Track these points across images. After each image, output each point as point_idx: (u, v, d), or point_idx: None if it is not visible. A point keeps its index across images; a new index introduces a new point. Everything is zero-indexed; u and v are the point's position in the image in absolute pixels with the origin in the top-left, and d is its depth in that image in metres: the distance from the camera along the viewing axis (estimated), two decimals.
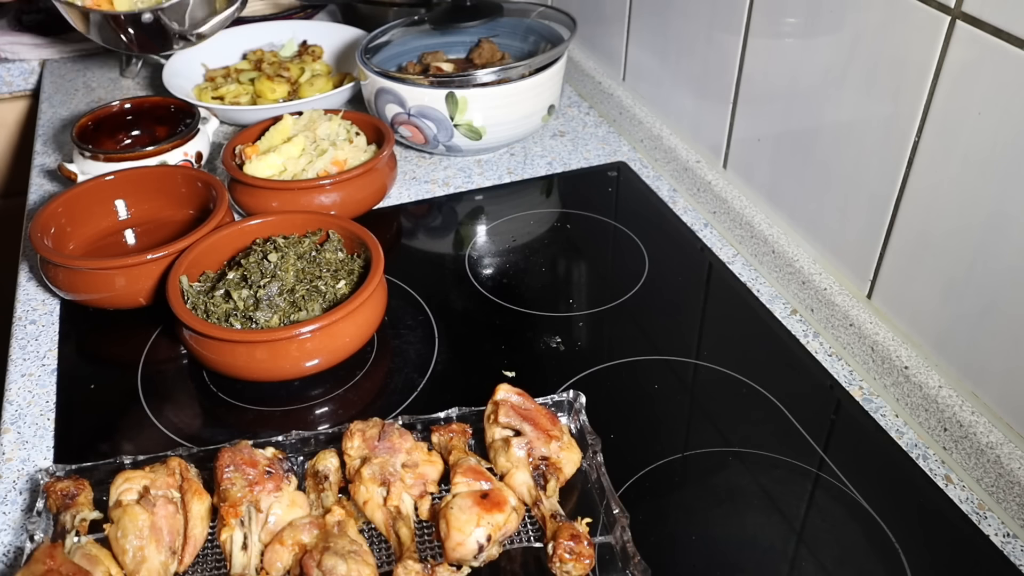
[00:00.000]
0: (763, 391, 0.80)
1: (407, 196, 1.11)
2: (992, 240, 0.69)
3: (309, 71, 1.31)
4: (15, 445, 0.76)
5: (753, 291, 0.94)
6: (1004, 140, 0.66)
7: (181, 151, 1.04)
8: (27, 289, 0.94)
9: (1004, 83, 0.65)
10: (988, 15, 0.65)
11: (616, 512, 0.64)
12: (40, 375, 0.83)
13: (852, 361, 0.84)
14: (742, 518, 0.69)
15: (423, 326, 0.89)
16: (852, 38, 0.79)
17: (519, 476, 0.66)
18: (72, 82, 1.38)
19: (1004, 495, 0.69)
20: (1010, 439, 0.70)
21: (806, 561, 0.66)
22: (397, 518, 0.64)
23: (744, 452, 0.75)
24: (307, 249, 0.86)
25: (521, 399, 0.71)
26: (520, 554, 0.65)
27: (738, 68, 0.97)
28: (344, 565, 0.58)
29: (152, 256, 0.84)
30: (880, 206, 0.80)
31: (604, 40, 1.29)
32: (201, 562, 0.64)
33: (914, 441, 0.76)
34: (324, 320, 0.76)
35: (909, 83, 0.73)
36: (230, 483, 0.64)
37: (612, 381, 0.82)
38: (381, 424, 0.69)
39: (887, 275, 0.81)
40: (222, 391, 0.81)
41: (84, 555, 0.61)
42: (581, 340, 0.86)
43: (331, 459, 0.69)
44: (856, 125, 0.81)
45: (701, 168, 1.06)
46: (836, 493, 0.71)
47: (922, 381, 0.76)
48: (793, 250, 0.92)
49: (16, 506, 0.71)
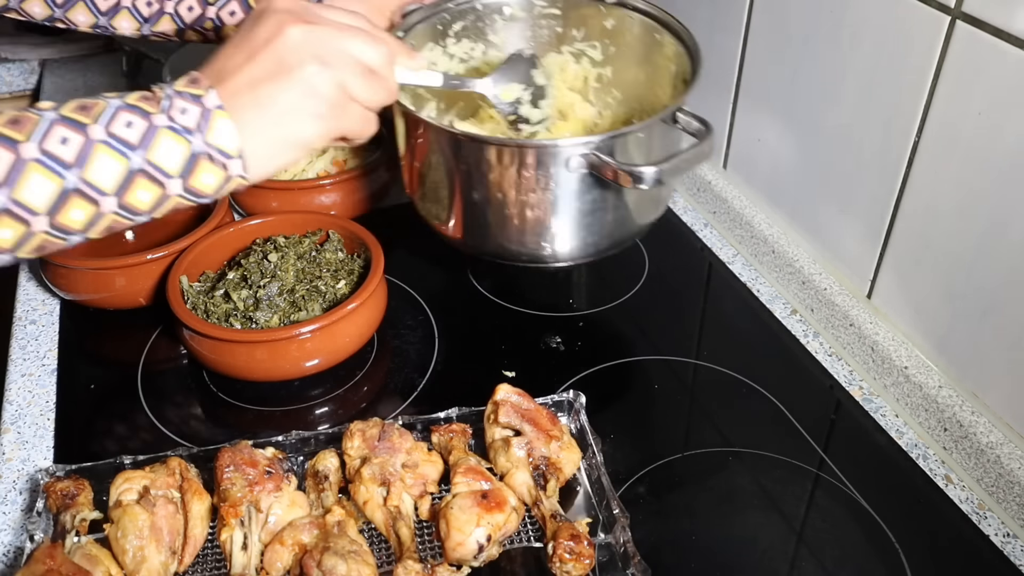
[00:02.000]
0: (763, 391, 0.80)
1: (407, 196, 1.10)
2: (992, 240, 0.69)
3: None
4: (15, 445, 0.76)
5: (753, 291, 0.94)
6: (1004, 140, 0.66)
7: None
8: (27, 289, 0.94)
9: (1004, 83, 0.65)
10: (988, 15, 0.65)
11: (616, 512, 0.64)
12: (40, 375, 0.83)
13: (852, 361, 0.84)
14: (742, 518, 0.69)
15: (423, 326, 0.89)
16: (852, 38, 0.79)
17: (519, 476, 0.66)
18: (72, 82, 1.38)
19: (1004, 495, 0.69)
20: (1010, 439, 0.70)
21: (806, 561, 0.66)
22: (397, 518, 0.64)
23: (744, 452, 0.75)
24: (307, 249, 0.86)
25: (521, 399, 0.71)
26: (520, 554, 0.65)
27: (738, 68, 0.97)
28: (344, 565, 0.58)
29: (152, 256, 0.84)
30: (880, 206, 0.80)
31: None
32: (201, 562, 0.64)
33: (914, 441, 0.76)
34: (324, 320, 0.76)
35: (909, 83, 0.73)
36: (230, 483, 0.64)
37: (612, 381, 0.82)
38: (381, 424, 0.69)
39: (887, 275, 0.81)
40: (222, 391, 0.81)
41: (84, 555, 0.61)
42: (581, 340, 0.86)
43: (331, 459, 0.69)
44: (856, 125, 0.81)
45: (701, 168, 1.06)
46: (836, 493, 0.71)
47: (922, 381, 0.76)
48: (793, 250, 0.92)
49: (16, 506, 0.71)
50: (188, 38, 0.84)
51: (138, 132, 0.51)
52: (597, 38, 0.90)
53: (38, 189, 0.49)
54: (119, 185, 0.51)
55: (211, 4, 0.82)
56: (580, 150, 0.67)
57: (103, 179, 0.50)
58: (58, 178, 0.49)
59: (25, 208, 0.49)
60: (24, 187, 0.48)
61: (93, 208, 0.51)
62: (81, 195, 0.50)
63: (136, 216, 0.53)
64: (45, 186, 0.49)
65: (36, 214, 0.49)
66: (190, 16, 0.82)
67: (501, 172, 0.71)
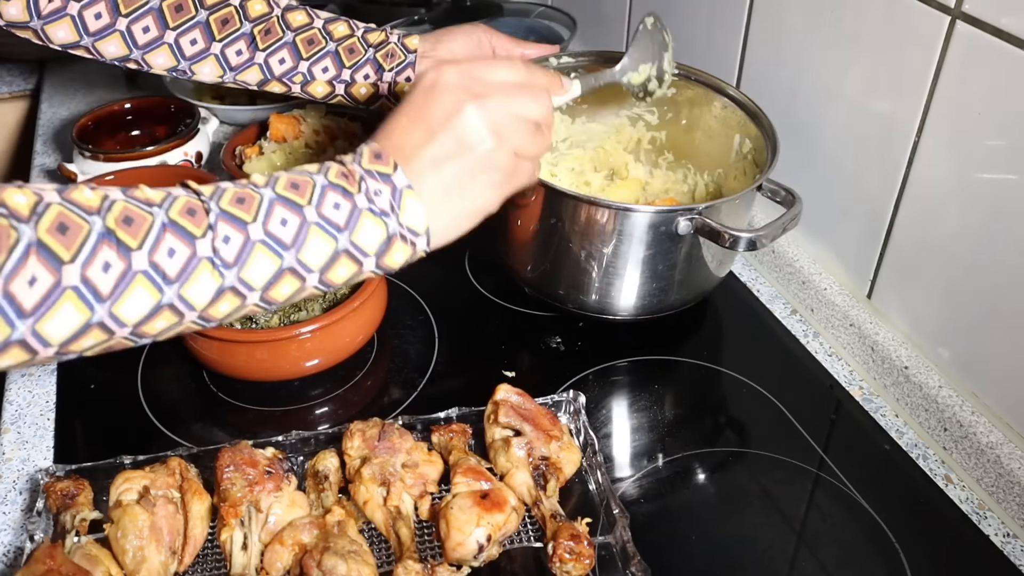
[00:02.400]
0: (763, 391, 0.80)
1: None
2: (992, 240, 0.69)
3: None
4: (15, 445, 0.76)
5: (753, 291, 0.94)
6: (1004, 140, 0.66)
7: (181, 151, 1.04)
8: None
9: (1004, 83, 0.65)
10: (988, 15, 0.65)
11: (616, 512, 0.64)
12: (40, 375, 0.83)
13: (852, 361, 0.84)
14: (742, 518, 0.69)
15: (423, 326, 0.89)
16: (852, 38, 0.79)
17: (519, 476, 0.66)
18: (72, 82, 1.38)
19: (1004, 495, 0.69)
20: (1010, 439, 0.70)
21: (806, 561, 0.66)
22: (397, 518, 0.64)
23: (744, 452, 0.75)
24: None
25: (521, 399, 0.71)
26: (520, 554, 0.65)
27: (738, 68, 0.97)
28: (344, 565, 0.58)
29: None
30: (880, 206, 0.80)
31: (604, 40, 1.29)
32: (201, 562, 0.64)
33: (914, 441, 0.76)
34: (324, 320, 0.76)
35: (909, 83, 0.73)
36: (230, 483, 0.64)
37: (612, 381, 0.82)
38: (381, 424, 0.69)
39: (887, 275, 0.81)
40: (222, 391, 0.81)
41: (84, 555, 0.61)
42: (581, 340, 0.86)
43: (331, 459, 0.69)
44: (856, 125, 0.81)
45: None
46: (836, 493, 0.71)
47: (922, 381, 0.76)
48: (793, 250, 0.92)
49: (16, 506, 0.71)
50: (269, 88, 0.87)
51: (344, 215, 0.54)
52: (655, 103, 0.94)
53: (261, 268, 0.52)
54: (325, 264, 0.54)
55: (306, 59, 0.85)
56: (688, 213, 0.75)
57: (313, 259, 0.53)
58: (277, 258, 0.52)
59: (246, 285, 0.52)
60: (249, 268, 0.52)
61: (299, 283, 0.54)
62: (294, 273, 0.53)
63: (330, 288, 0.56)
64: (266, 265, 0.52)
65: (253, 290, 0.52)
66: (280, 69, 0.85)
67: (593, 228, 0.77)
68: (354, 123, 1.07)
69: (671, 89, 0.86)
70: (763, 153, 0.82)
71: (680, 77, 0.90)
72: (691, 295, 0.85)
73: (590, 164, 1.01)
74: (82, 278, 0.46)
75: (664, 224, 0.75)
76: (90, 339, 0.49)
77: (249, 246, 0.51)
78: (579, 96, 0.69)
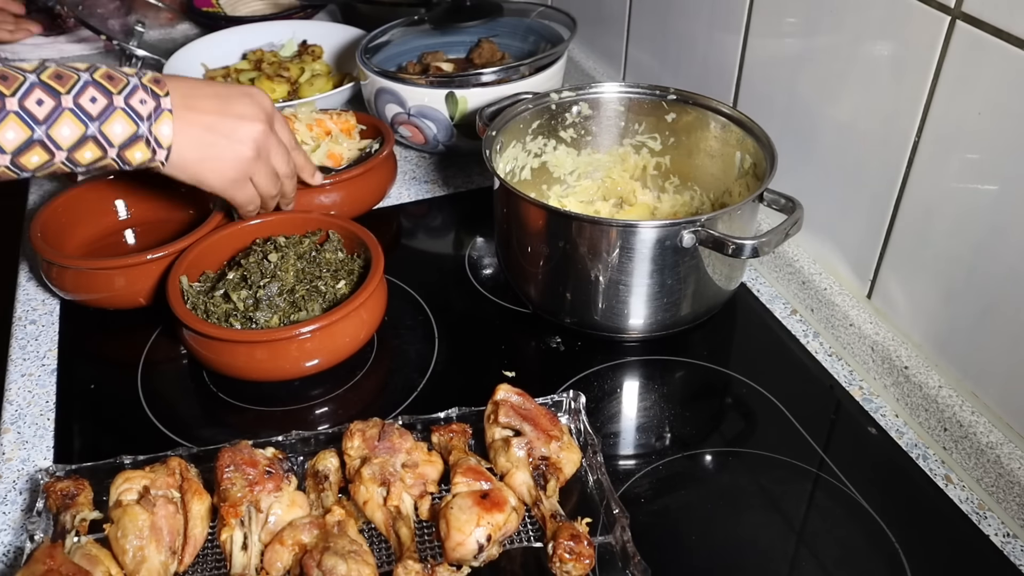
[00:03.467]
0: (763, 391, 0.80)
1: (407, 196, 1.11)
2: (992, 240, 0.69)
3: (309, 71, 1.31)
4: (15, 445, 0.76)
5: (753, 291, 0.94)
6: (1004, 140, 0.66)
7: None
8: (27, 289, 0.94)
9: (1004, 83, 0.65)
10: (988, 15, 0.65)
11: (616, 512, 0.64)
12: (40, 375, 0.83)
13: (852, 361, 0.84)
14: (742, 518, 0.69)
15: (423, 326, 0.89)
16: (852, 38, 0.79)
17: (519, 476, 0.66)
18: None
19: (1004, 495, 0.69)
20: (1010, 439, 0.70)
21: (806, 561, 0.66)
22: (397, 518, 0.64)
23: (744, 452, 0.75)
24: (307, 249, 0.86)
25: (521, 399, 0.71)
26: (520, 554, 0.65)
27: (738, 68, 0.97)
28: (344, 565, 0.58)
29: (152, 256, 0.84)
30: (880, 206, 0.80)
31: (604, 40, 1.29)
32: (201, 562, 0.64)
33: (914, 441, 0.76)
34: (324, 320, 0.76)
35: (909, 83, 0.73)
36: (230, 483, 0.64)
37: (612, 381, 0.82)
38: (381, 424, 0.69)
39: (887, 275, 0.81)
40: (222, 391, 0.81)
41: (84, 555, 0.61)
42: (581, 340, 0.86)
43: (331, 459, 0.69)
44: (856, 125, 0.81)
45: None
46: (836, 493, 0.71)
47: (922, 381, 0.76)
48: (793, 250, 0.92)
49: (16, 506, 0.71)
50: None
51: (98, 108, 0.68)
52: (657, 130, 0.97)
53: (11, 135, 0.65)
54: (73, 144, 0.67)
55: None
56: (691, 226, 0.76)
57: (62, 138, 0.67)
58: (29, 130, 0.65)
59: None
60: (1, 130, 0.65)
61: (48, 156, 0.67)
62: (43, 145, 0.66)
63: (77, 168, 0.69)
64: (18, 133, 0.65)
65: (4, 152, 0.65)
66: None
67: (598, 248, 0.78)
68: (346, 113, 1.07)
69: (670, 115, 0.92)
70: (763, 165, 0.83)
71: (678, 102, 0.93)
72: (702, 309, 0.85)
73: (599, 194, 1.02)
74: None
75: (669, 238, 0.76)
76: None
77: (3, 114, 0.64)
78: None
